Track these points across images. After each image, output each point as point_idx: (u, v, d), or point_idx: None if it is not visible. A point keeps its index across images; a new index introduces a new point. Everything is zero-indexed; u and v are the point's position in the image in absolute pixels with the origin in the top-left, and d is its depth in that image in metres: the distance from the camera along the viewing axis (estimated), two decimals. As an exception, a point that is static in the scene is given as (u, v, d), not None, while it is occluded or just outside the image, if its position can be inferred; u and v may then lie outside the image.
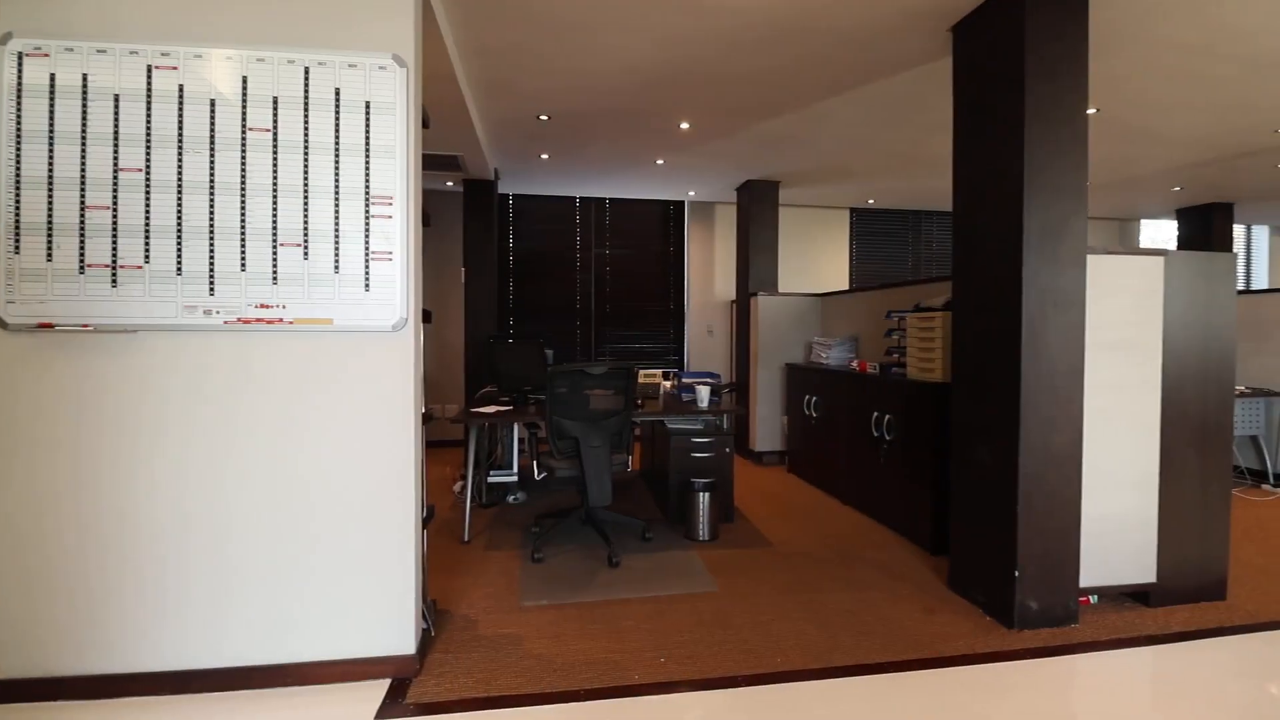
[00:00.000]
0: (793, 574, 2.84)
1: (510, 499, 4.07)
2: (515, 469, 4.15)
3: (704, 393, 3.57)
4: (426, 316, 2.18)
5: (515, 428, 4.19)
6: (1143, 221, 7.37)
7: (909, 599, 2.57)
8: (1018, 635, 2.27)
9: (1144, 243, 7.44)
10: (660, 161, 4.95)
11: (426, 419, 2.20)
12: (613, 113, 3.82)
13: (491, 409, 3.40)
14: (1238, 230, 7.43)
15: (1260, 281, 7.73)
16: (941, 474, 3.02)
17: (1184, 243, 6.64)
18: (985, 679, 2.00)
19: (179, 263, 1.88)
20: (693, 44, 2.89)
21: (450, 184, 5.48)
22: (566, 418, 3.06)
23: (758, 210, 5.50)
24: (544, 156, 4.81)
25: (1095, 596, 2.52)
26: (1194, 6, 2.55)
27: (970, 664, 2.08)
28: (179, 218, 1.88)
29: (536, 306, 6.29)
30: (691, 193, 6.12)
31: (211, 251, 1.89)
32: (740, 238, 5.73)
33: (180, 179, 1.88)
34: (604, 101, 3.63)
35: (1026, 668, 2.07)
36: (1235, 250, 7.29)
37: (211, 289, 1.89)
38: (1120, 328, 2.45)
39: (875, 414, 3.57)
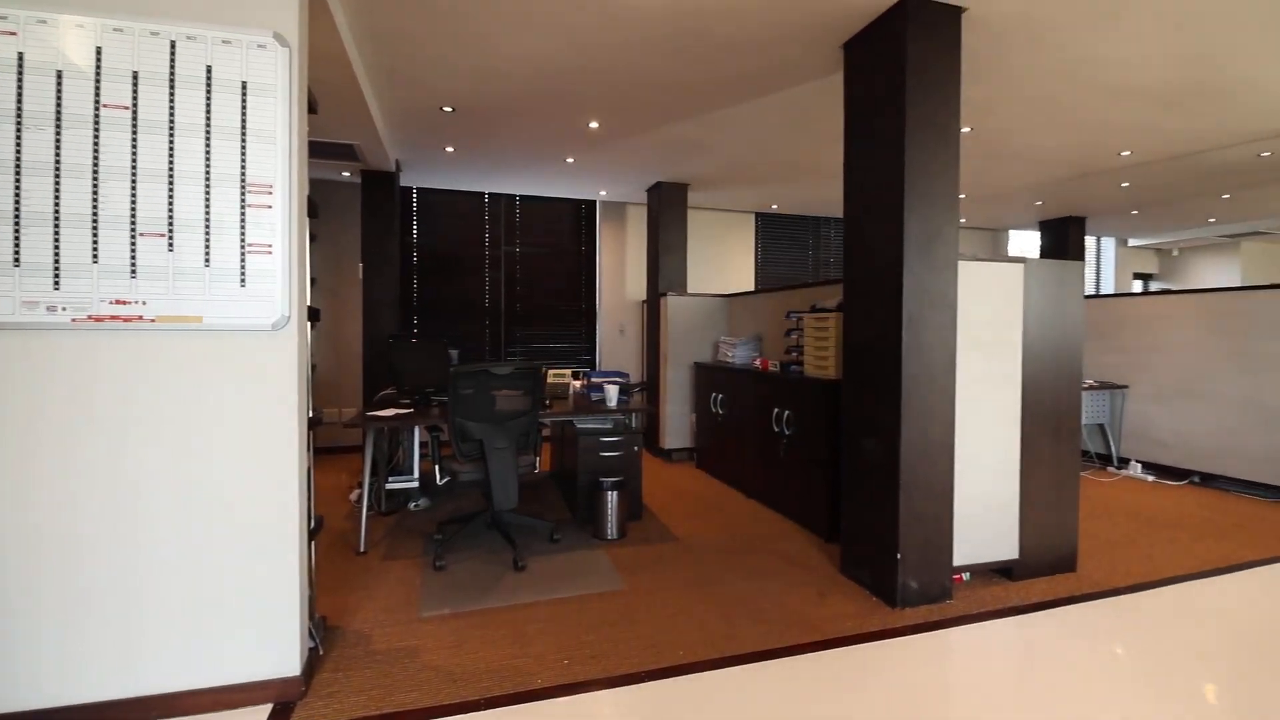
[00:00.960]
0: (697, 567, 2.90)
1: (411, 506, 3.91)
2: (416, 474, 3.99)
3: (612, 392, 3.58)
4: (314, 314, 2.05)
5: (416, 431, 4.03)
6: (1012, 231, 8.11)
7: (805, 585, 2.70)
8: (900, 613, 2.43)
9: (1014, 251, 8.20)
10: (570, 160, 4.92)
11: (314, 423, 2.07)
12: (520, 108, 3.76)
13: (390, 412, 3.25)
14: (1089, 241, 8.34)
15: (1107, 287, 8.73)
16: (835, 466, 3.19)
17: (1045, 252, 7.36)
18: (871, 656, 2.13)
19: (16, 253, 1.67)
20: (598, 44, 2.89)
21: (347, 174, 5.20)
22: (470, 419, 2.98)
23: (667, 212, 5.59)
24: (449, 149, 4.66)
25: (967, 574, 2.75)
26: (1055, 37, 2.82)
27: (858, 643, 2.21)
28: (17, 202, 1.67)
29: (442, 305, 6.07)
30: (603, 192, 6.13)
31: (57, 241, 1.69)
32: (650, 238, 5.79)
33: (19, 158, 1.67)
34: (511, 95, 3.56)
35: (908, 643, 2.22)
36: (1087, 259, 8.19)
37: (57, 283, 1.69)
38: (987, 327, 2.69)
39: (776, 410, 3.71)
